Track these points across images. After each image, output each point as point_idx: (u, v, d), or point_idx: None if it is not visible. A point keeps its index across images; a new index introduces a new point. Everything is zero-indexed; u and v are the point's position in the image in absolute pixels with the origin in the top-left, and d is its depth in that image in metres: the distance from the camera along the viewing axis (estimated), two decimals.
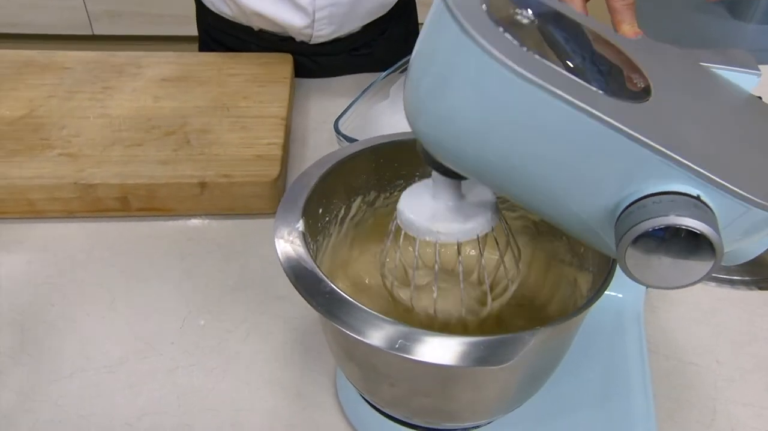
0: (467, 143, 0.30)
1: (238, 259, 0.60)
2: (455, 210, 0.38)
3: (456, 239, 0.37)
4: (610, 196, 0.29)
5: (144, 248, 0.61)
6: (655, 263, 0.27)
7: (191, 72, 0.81)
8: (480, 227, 0.37)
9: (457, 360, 0.30)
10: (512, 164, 0.30)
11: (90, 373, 0.49)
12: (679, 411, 0.48)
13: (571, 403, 0.45)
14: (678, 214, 0.26)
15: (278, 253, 0.36)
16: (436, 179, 0.37)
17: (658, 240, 0.26)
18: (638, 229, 0.26)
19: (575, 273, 0.43)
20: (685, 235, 0.26)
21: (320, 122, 0.82)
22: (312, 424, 0.46)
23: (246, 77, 0.80)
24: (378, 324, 0.32)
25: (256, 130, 0.69)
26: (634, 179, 0.28)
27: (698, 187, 0.27)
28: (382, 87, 0.81)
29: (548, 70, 0.27)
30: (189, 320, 0.54)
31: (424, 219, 0.37)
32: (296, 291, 0.34)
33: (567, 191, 0.30)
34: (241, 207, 0.64)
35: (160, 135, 0.68)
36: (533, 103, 0.27)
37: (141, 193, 0.62)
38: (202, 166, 0.63)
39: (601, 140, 0.27)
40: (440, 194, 0.38)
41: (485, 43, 0.27)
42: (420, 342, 0.31)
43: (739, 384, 0.50)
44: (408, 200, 0.39)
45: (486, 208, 0.38)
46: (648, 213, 0.27)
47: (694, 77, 0.36)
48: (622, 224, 0.28)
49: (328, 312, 0.32)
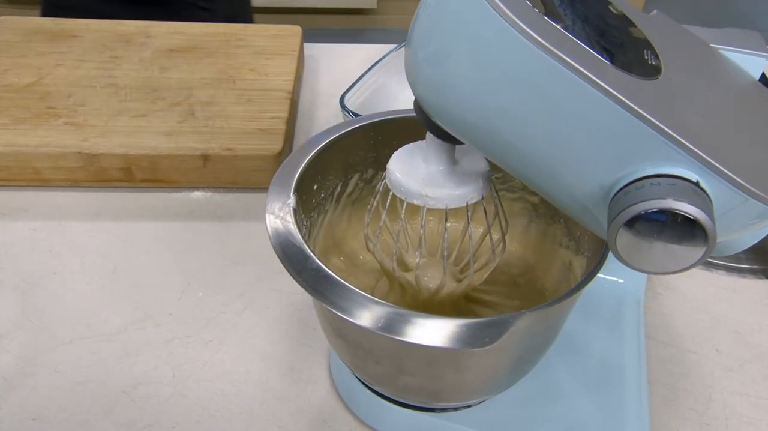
0: (468, 109, 0.29)
1: (238, 233, 0.60)
2: (447, 175, 0.37)
3: (445, 205, 0.36)
4: (608, 173, 0.28)
5: (146, 220, 0.61)
6: (645, 246, 0.27)
7: (199, 43, 0.80)
8: (470, 195, 0.36)
9: (440, 340, 0.30)
10: (512, 131, 0.29)
11: (89, 341, 0.50)
12: (673, 399, 0.48)
13: (565, 386, 0.45)
14: (676, 198, 0.25)
15: (267, 227, 0.36)
16: (430, 141, 0.36)
17: (651, 223, 0.26)
18: (633, 210, 0.26)
19: (571, 257, 0.43)
20: (680, 220, 0.25)
21: (328, 95, 0.81)
22: (304, 398, 0.46)
23: (254, 49, 0.79)
24: (362, 302, 0.31)
25: (261, 103, 0.69)
26: (634, 157, 0.27)
27: (698, 172, 0.26)
28: (390, 61, 0.80)
29: (558, 36, 0.26)
30: (188, 292, 0.54)
31: (415, 182, 0.36)
32: None
33: (564, 164, 0.29)
34: (243, 181, 0.64)
35: (165, 106, 0.68)
36: (540, 68, 0.26)
37: (144, 164, 0.62)
38: (205, 138, 0.63)
39: (606, 113, 0.26)
40: (433, 157, 0.37)
41: (501, 4, 0.26)
42: (402, 321, 0.30)
43: (738, 374, 0.50)
44: (399, 160, 0.38)
45: (478, 176, 0.37)
46: (645, 195, 0.26)
47: (705, 60, 0.35)
48: (617, 203, 0.27)
49: (313, 289, 0.32)
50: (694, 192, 0.26)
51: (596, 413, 0.44)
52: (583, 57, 0.26)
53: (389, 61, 0.79)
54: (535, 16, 0.26)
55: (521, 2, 0.26)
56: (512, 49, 0.26)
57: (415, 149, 0.38)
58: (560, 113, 0.27)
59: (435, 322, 0.30)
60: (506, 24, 0.26)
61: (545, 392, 0.45)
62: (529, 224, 0.48)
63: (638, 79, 0.28)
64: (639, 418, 0.43)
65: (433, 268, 0.44)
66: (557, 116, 0.28)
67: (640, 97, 0.26)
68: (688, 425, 0.46)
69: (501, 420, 0.42)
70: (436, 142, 0.36)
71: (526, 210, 0.47)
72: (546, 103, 0.27)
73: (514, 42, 0.26)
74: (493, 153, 0.32)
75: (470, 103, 0.29)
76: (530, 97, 0.27)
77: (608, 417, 0.43)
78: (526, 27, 0.25)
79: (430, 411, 0.42)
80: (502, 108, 0.28)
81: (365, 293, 0.31)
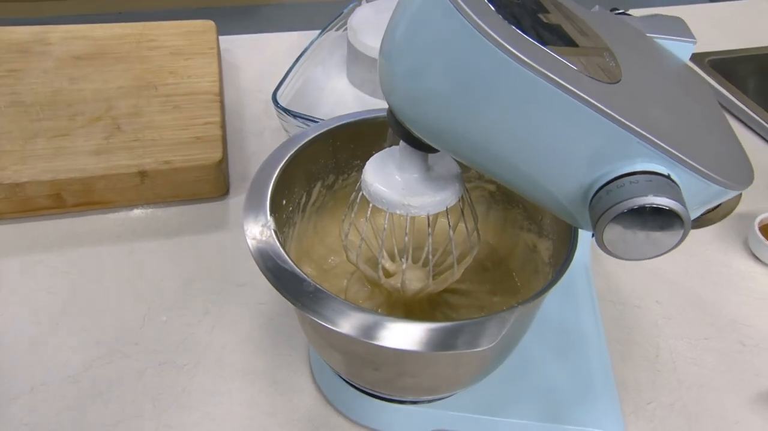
0: (447, 120, 0.30)
1: (190, 248, 0.59)
2: (424, 182, 0.38)
3: (427, 212, 0.37)
4: (586, 173, 0.30)
5: (87, 246, 0.58)
6: (630, 238, 0.29)
7: (105, 47, 0.75)
8: (449, 199, 0.38)
9: (444, 346, 0.31)
10: (491, 140, 0.30)
11: (52, 386, 0.47)
12: (628, 352, 0.53)
13: (535, 358, 0.48)
14: (655, 194, 0.28)
15: (253, 254, 0.36)
16: (404, 150, 0.37)
17: (635, 218, 0.28)
18: (619, 208, 0.28)
19: (534, 240, 0.46)
20: (659, 212, 0.28)
21: (254, 91, 0.79)
22: (292, 408, 0.47)
23: (169, 50, 0.75)
24: (367, 320, 0.32)
25: (189, 109, 0.66)
26: (610, 157, 0.29)
27: (669, 166, 0.29)
28: (314, 50, 0.79)
29: (533, 48, 0.28)
30: (150, 317, 0.52)
31: (395, 193, 0.37)
32: (259, 276, 0.34)
33: (543, 167, 0.31)
34: (185, 193, 0.62)
35: (85, 122, 0.64)
36: (518, 81, 0.27)
37: (76, 188, 0.58)
38: (138, 153, 0.60)
39: (583, 119, 0.28)
40: (408, 166, 0.37)
41: (474, 17, 0.27)
42: (408, 332, 0.32)
43: (677, 320, 0.55)
44: (374, 171, 0.38)
45: (453, 179, 0.38)
46: (627, 193, 0.28)
47: (648, 52, 0.38)
48: (601, 202, 0.29)
49: (315, 312, 0.33)
50: (669, 185, 0.29)
51: (567, 378, 0.47)
52: (557, 68, 0.28)
53: (313, 50, 0.78)
54: (510, 30, 0.28)
55: (495, 17, 0.28)
56: (490, 63, 0.27)
57: (387, 158, 0.39)
58: (540, 121, 0.29)
59: (437, 328, 0.32)
60: (483, 38, 0.27)
61: (518, 366, 0.48)
62: (488, 211, 0.50)
63: (606, 85, 0.30)
64: (604, 375, 0.48)
65: (415, 271, 0.45)
66: (537, 124, 0.29)
67: (611, 101, 0.29)
68: (643, 373, 0.51)
69: (487, 400, 0.45)
70: (410, 150, 0.37)
71: (483, 197, 0.49)
72: (525, 113, 0.29)
73: (491, 56, 0.27)
74: (472, 160, 0.33)
75: (449, 115, 0.30)
76: (509, 108, 0.29)
77: (578, 379, 0.47)
78: (503, 41, 0.27)
79: (419, 403, 0.44)
80: (481, 119, 0.30)
81: (370, 311, 0.32)
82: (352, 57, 0.78)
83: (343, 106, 0.77)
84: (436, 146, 0.33)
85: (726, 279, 0.60)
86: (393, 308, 0.45)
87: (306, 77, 0.77)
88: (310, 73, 0.78)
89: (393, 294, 0.46)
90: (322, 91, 0.78)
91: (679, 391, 0.50)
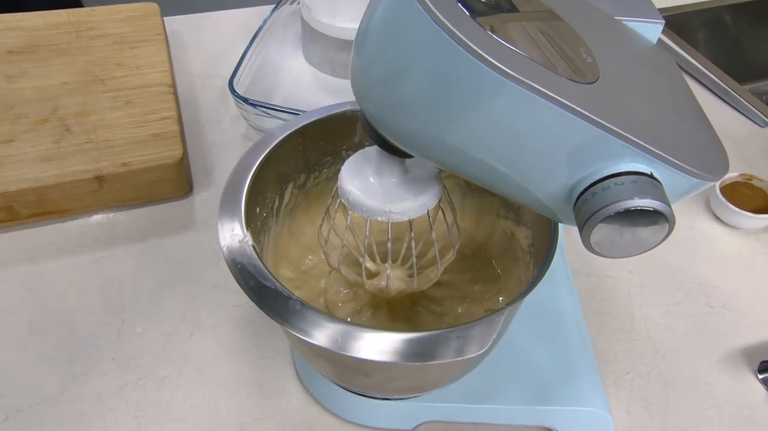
0: (421, 127, 0.30)
1: (157, 252, 0.57)
2: (403, 187, 0.37)
3: (408, 216, 0.37)
4: (568, 176, 0.30)
5: (48, 259, 0.55)
6: (616, 238, 0.30)
7: (41, 38, 0.70)
8: (430, 202, 0.37)
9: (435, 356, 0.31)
10: (471, 146, 0.30)
11: (29, 412, 0.46)
12: (604, 324, 0.54)
13: (516, 343, 0.48)
14: (641, 196, 0.28)
15: (234, 275, 0.34)
16: (380, 156, 0.36)
17: (621, 219, 0.28)
18: (606, 211, 0.28)
19: (512, 227, 0.46)
20: (645, 213, 0.28)
21: (207, 76, 0.76)
22: (281, 412, 0.47)
23: (112, 39, 0.71)
24: (356, 335, 0.32)
25: (142, 104, 0.63)
26: (593, 159, 0.29)
27: (651, 164, 0.29)
28: (267, 31, 0.76)
29: (509, 53, 0.27)
30: (124, 330, 0.51)
31: (374, 200, 0.36)
32: (233, 278, 0.34)
33: (526, 172, 0.30)
34: (147, 195, 0.59)
35: (30, 126, 0.60)
36: (493, 87, 0.27)
37: (29, 199, 0.55)
38: (93, 157, 0.57)
39: (563, 122, 0.28)
40: (386, 171, 0.36)
41: (444, 20, 0.26)
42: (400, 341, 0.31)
43: (648, 289, 0.57)
44: (351, 177, 0.37)
45: (432, 180, 0.38)
46: (613, 196, 0.28)
47: (619, 39, 0.37)
48: (587, 205, 0.29)
49: (304, 331, 0.32)
50: (652, 185, 0.29)
51: (550, 359, 0.48)
52: (534, 72, 0.27)
53: (267, 29, 0.75)
54: (484, 34, 0.27)
55: (467, 19, 0.27)
56: (463, 68, 0.27)
57: (363, 162, 0.38)
58: (519, 126, 0.29)
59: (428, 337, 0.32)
60: (454, 43, 0.26)
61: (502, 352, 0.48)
62: (464, 198, 0.49)
63: (584, 85, 0.29)
64: (585, 352, 0.49)
65: (397, 271, 0.44)
66: (516, 129, 0.29)
67: (591, 102, 0.28)
68: (620, 344, 0.53)
69: (473, 388, 0.45)
70: (387, 155, 0.36)
71: (458, 185, 0.49)
72: (503, 118, 0.28)
73: (465, 61, 0.26)
74: (450, 166, 0.32)
75: (424, 122, 0.29)
76: (487, 113, 0.28)
77: (560, 358, 0.48)
78: (476, 46, 0.26)
79: (407, 399, 0.45)
80: (458, 125, 0.29)
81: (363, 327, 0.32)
82: (307, 36, 0.75)
83: (301, 87, 0.74)
84: (412, 152, 0.33)
85: (691, 243, 0.61)
86: (376, 307, 0.45)
87: (262, 59, 0.74)
88: (266, 54, 0.75)
89: (376, 295, 0.45)
90: (280, 72, 0.75)
91: (654, 359, 0.52)
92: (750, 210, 0.60)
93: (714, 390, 0.50)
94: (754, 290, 0.57)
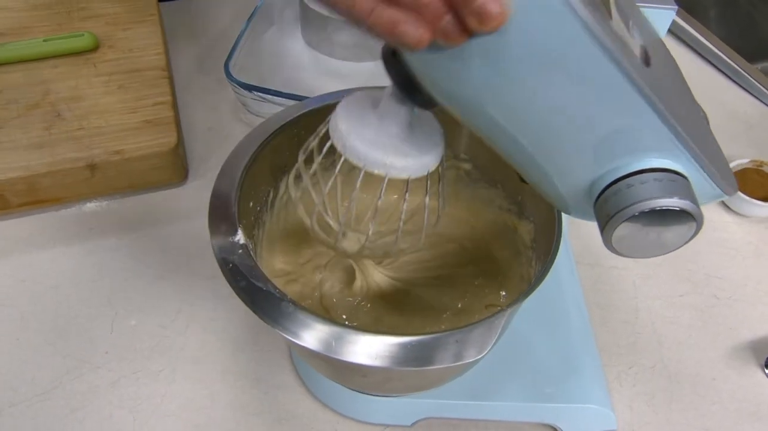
0: (479, 90, 0.26)
1: (152, 241, 0.56)
2: (407, 140, 0.33)
3: (408, 174, 0.32)
4: (593, 168, 0.28)
5: (41, 249, 0.54)
6: (640, 238, 0.28)
7: (30, 20, 0.68)
8: (431, 163, 0.33)
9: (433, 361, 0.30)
10: (514, 114, 0.27)
11: (22, 407, 0.45)
12: (608, 316, 0.53)
13: (518, 339, 0.46)
14: (669, 195, 0.26)
15: (225, 275, 0.33)
16: (392, 101, 0.31)
17: (646, 219, 0.27)
18: (631, 210, 0.26)
19: (515, 221, 0.44)
20: (672, 212, 0.27)
21: (204, 59, 0.74)
22: (279, 407, 0.46)
23: (105, 20, 0.69)
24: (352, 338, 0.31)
25: (135, 88, 0.61)
26: (623, 151, 0.27)
27: (683, 163, 0.27)
28: (263, 10, 0.73)
29: (605, 26, 0.24)
30: (118, 322, 0.50)
31: (375, 149, 0.32)
32: None
33: (552, 153, 0.28)
34: (141, 183, 0.58)
35: (21, 111, 0.58)
36: (585, 53, 0.24)
37: (20, 187, 0.54)
38: (85, 144, 0.56)
39: (623, 99, 0.26)
40: (392, 119, 0.32)
41: None
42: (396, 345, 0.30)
43: (653, 280, 0.56)
44: (348, 119, 0.32)
45: (436, 141, 0.34)
46: (639, 194, 0.27)
47: (649, 29, 0.35)
48: (609, 204, 0.27)
49: (297, 335, 0.31)
50: (681, 183, 0.27)
51: (552, 354, 0.46)
52: (621, 48, 0.25)
53: (263, 9, 0.73)
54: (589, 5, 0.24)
55: None
56: (570, 37, 0.24)
57: (365, 104, 0.33)
58: (578, 96, 0.26)
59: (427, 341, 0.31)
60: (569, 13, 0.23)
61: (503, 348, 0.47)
62: (465, 189, 0.48)
63: (645, 68, 0.27)
64: (587, 347, 0.48)
65: (382, 239, 0.42)
66: (572, 99, 0.26)
67: (651, 85, 0.26)
68: (623, 337, 0.52)
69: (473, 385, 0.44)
70: (399, 102, 0.31)
71: (460, 177, 0.47)
72: (571, 86, 0.26)
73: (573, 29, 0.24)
74: (481, 127, 0.29)
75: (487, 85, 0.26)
76: (561, 79, 0.25)
77: (562, 354, 0.47)
78: (586, 17, 0.23)
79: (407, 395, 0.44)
80: (520, 91, 0.26)
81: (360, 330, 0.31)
82: (304, 15, 0.73)
83: (300, 69, 0.72)
84: (452, 109, 0.29)
85: None
86: (372, 301, 0.44)
87: (259, 41, 0.72)
88: (263, 36, 0.73)
89: (371, 288, 0.44)
90: (278, 54, 0.73)
91: (659, 352, 0.51)
92: (760, 198, 0.59)
93: (719, 384, 0.49)
94: (763, 281, 0.56)
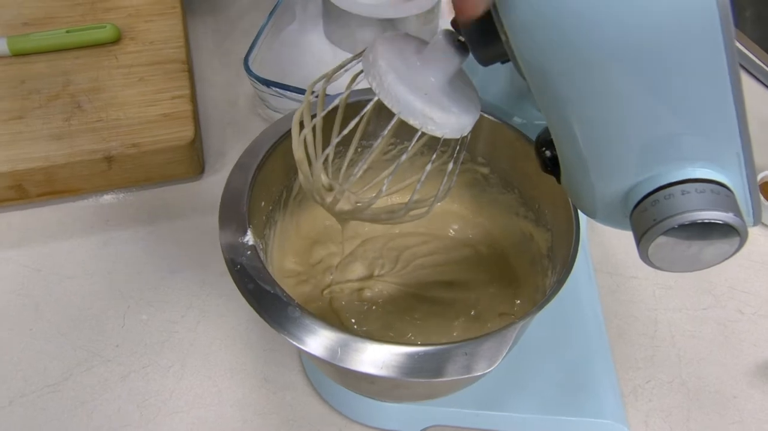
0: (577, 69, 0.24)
1: (167, 235, 0.56)
2: (450, 95, 0.30)
3: (443, 133, 0.30)
4: (635, 173, 0.27)
5: (57, 239, 0.55)
6: (678, 252, 0.27)
7: (56, 10, 0.68)
8: (468, 126, 0.31)
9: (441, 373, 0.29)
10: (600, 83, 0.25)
11: (32, 397, 0.45)
12: (626, 328, 0.51)
13: (532, 348, 0.45)
14: (713, 207, 0.25)
15: (233, 276, 0.33)
16: (443, 46, 0.29)
17: (687, 232, 0.26)
18: (671, 222, 0.25)
19: (531, 229, 0.43)
20: (714, 226, 0.25)
21: (223, 52, 0.74)
22: (286, 407, 0.46)
23: (127, 12, 0.69)
24: (360, 347, 0.30)
25: (155, 81, 0.61)
26: (668, 157, 0.26)
27: (729, 176, 0.26)
28: (286, 5, 0.73)
29: None
30: (129, 316, 0.50)
31: (416, 97, 0.28)
32: None
33: (610, 139, 0.27)
34: (157, 176, 0.58)
35: (42, 101, 0.58)
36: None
37: (38, 178, 0.54)
38: (103, 136, 0.56)
39: (716, 104, 0.24)
40: (439, 68, 0.29)
41: None
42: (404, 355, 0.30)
43: (675, 291, 0.54)
44: (388, 56, 0.29)
45: (475, 102, 0.31)
46: (680, 206, 0.25)
47: None
48: (646, 215, 0.26)
49: (301, 340, 0.30)
50: (726, 196, 0.26)
51: (566, 366, 0.45)
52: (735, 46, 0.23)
53: (284, 5, 0.72)
54: None
55: None
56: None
57: (407, 46, 0.30)
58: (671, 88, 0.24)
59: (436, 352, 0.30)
60: None
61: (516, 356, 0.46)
62: (482, 194, 0.47)
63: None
64: (603, 359, 0.46)
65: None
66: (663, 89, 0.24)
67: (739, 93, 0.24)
68: (641, 350, 0.50)
69: (484, 394, 0.43)
70: (452, 50, 0.28)
71: (476, 181, 0.46)
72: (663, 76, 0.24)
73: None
74: (546, 103, 0.27)
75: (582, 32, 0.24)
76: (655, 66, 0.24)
77: (577, 366, 0.45)
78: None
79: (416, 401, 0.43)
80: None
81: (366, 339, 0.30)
82: (327, 11, 0.72)
83: (321, 66, 0.71)
84: (531, 78, 0.26)
85: None
86: (383, 305, 0.43)
87: (280, 36, 0.71)
88: (284, 31, 0.72)
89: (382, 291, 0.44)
90: (298, 50, 0.73)
91: (678, 367, 0.49)
92: None
93: (740, 403, 0.47)
94: None
